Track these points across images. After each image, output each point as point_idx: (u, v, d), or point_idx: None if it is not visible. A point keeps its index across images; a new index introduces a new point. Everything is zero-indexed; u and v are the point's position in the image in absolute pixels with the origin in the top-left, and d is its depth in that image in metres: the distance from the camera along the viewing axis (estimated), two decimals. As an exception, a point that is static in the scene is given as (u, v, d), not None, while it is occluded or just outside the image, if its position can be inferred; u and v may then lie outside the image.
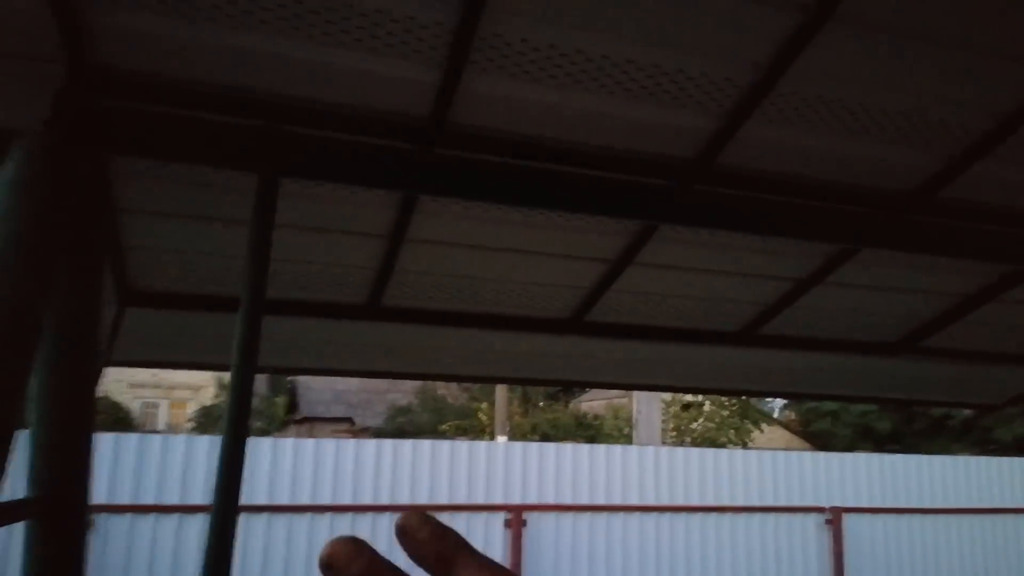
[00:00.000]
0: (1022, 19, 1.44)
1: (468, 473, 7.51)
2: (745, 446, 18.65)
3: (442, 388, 29.88)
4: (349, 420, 26.39)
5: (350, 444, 7.26)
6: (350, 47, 1.36)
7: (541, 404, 28.43)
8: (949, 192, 1.85)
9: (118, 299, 1.99)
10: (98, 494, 6.07)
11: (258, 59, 1.36)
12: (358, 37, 1.34)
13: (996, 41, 1.48)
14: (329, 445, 7.16)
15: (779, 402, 28.00)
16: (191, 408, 18.86)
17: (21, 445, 1.40)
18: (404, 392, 29.38)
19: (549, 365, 2.64)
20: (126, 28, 1.28)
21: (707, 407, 19.31)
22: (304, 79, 1.42)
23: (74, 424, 1.55)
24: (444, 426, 20.68)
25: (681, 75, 1.48)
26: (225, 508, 1.38)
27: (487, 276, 2.09)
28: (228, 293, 1.89)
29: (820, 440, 22.53)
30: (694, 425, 19.25)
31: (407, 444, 7.47)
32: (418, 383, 31.41)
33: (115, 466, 6.41)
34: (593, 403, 27.77)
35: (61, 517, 1.46)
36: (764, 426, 20.98)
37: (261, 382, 26.09)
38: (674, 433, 18.98)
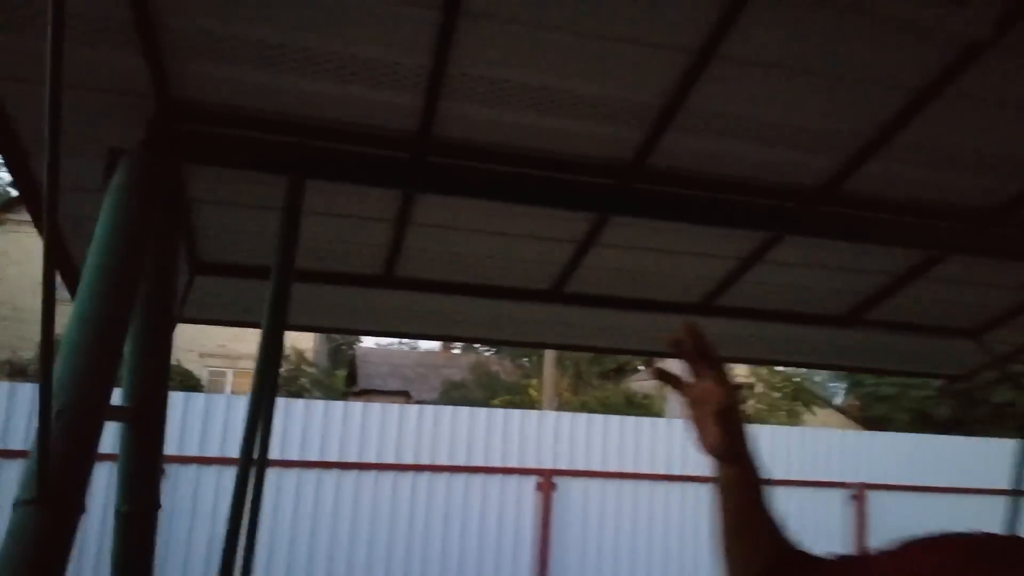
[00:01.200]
0: (879, 51, 1.84)
1: (503, 439, 8.06)
2: (796, 429, 18.69)
3: (495, 364, 30.57)
4: (406, 393, 27.34)
5: (395, 409, 7.89)
6: (358, 83, 1.86)
7: (594, 383, 28.80)
8: (851, 186, 2.25)
9: (189, 269, 2.55)
10: (170, 447, 6.84)
11: (291, 93, 1.88)
12: (363, 77, 1.84)
13: (865, 67, 1.88)
14: (375, 409, 7.82)
15: (842, 386, 27.67)
16: (254, 377, 19.94)
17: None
18: (459, 368, 30.18)
19: (534, 329, 3.12)
20: (197, 72, 1.80)
21: (759, 388, 19.41)
22: (323, 106, 1.93)
23: (155, 360, 2.11)
24: (496, 401, 21.28)
25: (607, 99, 1.94)
26: (248, 458, 1.86)
27: (478, 253, 2.59)
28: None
29: (877, 426, 22.31)
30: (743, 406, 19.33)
31: (447, 410, 8.07)
32: (472, 359, 32.18)
33: (184, 423, 7.17)
34: (645, 382, 28.02)
35: (144, 424, 2.02)
36: (817, 409, 20.94)
37: (322, 356, 27.18)
38: (723, 414, 19.12)
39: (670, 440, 8.48)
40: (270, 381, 1.92)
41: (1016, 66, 1.84)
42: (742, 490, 1.13)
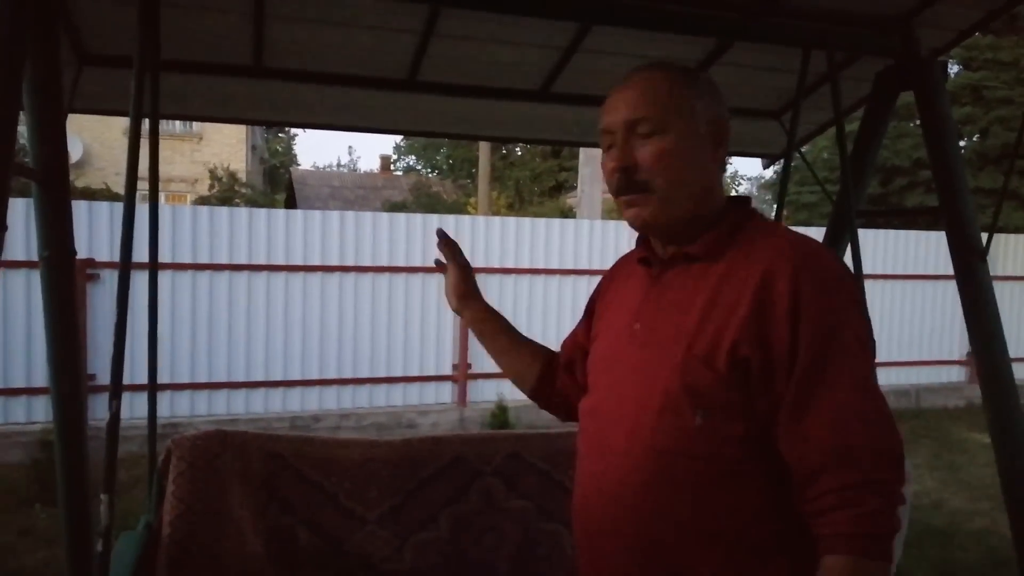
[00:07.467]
0: None
1: (423, 240, 8.69)
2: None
3: (436, 185, 30.87)
4: (346, 215, 27.65)
5: (316, 215, 8.38)
6: None
7: (535, 200, 29.51)
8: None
9: (77, 61, 2.89)
10: (101, 255, 7.29)
11: None
12: None
13: None
14: (298, 215, 8.31)
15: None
16: (189, 200, 20.03)
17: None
18: (399, 189, 30.42)
19: (390, 116, 3.57)
20: None
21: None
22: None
23: (51, 127, 2.47)
24: (434, 219, 21.78)
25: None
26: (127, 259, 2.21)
27: (333, 43, 2.97)
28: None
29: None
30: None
31: (367, 216, 8.60)
32: (412, 179, 32.33)
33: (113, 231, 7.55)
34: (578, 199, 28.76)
35: (51, 186, 2.47)
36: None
37: (256, 176, 27.00)
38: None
39: (577, 239, 9.24)
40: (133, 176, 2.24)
41: None
42: (484, 325, 1.83)
